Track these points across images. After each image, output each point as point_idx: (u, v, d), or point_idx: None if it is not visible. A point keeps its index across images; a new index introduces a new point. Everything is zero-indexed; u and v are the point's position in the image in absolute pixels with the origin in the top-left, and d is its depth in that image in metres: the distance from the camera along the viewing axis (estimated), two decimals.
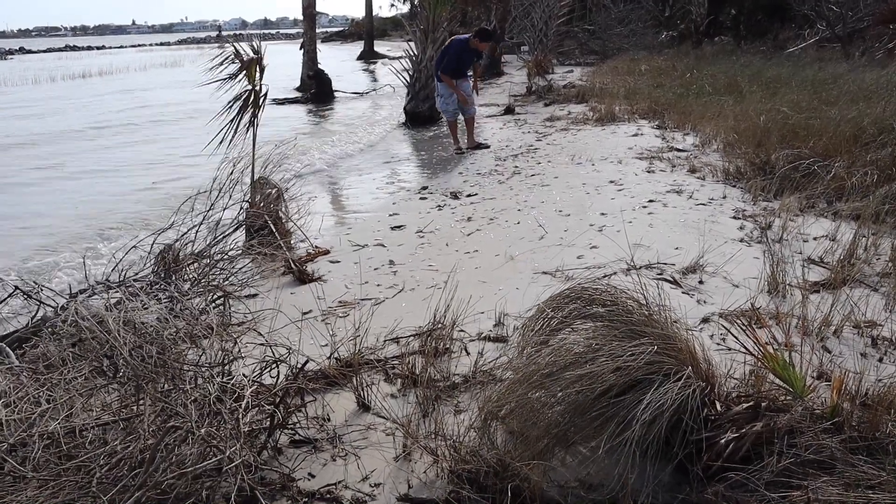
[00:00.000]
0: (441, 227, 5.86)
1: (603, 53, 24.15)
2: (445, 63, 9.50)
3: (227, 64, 5.33)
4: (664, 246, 4.70)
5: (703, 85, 12.18)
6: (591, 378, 2.23)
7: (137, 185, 8.95)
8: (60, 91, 25.34)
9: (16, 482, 2.17)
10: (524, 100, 15.00)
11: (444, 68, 9.50)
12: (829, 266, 4.21)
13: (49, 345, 2.69)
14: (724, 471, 2.20)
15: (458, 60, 9.45)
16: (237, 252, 4.30)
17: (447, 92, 9.59)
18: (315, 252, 5.13)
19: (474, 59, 9.70)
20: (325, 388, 3.06)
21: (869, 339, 3.28)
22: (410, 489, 2.39)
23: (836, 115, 7.27)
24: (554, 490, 2.27)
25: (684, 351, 2.39)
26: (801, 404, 2.43)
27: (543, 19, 19.79)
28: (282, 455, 2.59)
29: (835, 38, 17.48)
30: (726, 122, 8.51)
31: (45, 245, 6.29)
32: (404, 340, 3.46)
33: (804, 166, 5.97)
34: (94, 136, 13.71)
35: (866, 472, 2.15)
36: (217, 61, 5.30)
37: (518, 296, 3.94)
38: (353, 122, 14.21)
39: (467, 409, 2.81)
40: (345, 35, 65.34)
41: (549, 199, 6.49)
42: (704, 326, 3.48)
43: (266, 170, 5.42)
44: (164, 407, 2.35)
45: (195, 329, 2.82)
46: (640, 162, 7.75)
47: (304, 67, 19.65)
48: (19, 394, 2.33)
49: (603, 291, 2.66)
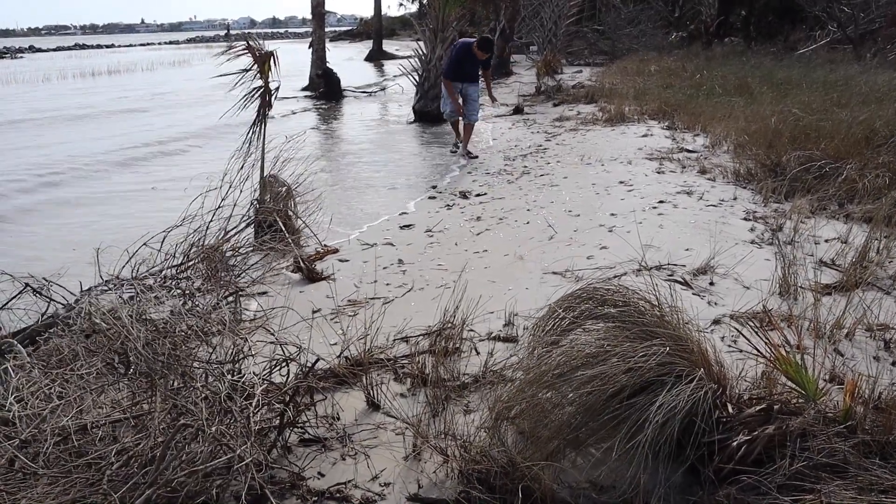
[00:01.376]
0: (450, 226, 5.85)
1: (612, 54, 24.11)
2: (446, 65, 9.69)
3: (240, 57, 5.37)
4: (674, 247, 4.68)
5: (713, 86, 12.14)
6: (602, 379, 2.21)
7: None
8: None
9: (26, 479, 2.17)
10: (533, 100, 14.98)
11: (444, 71, 9.73)
12: (841, 268, 4.18)
13: (61, 340, 2.69)
14: (736, 473, 2.19)
15: (458, 63, 9.42)
16: (248, 249, 4.31)
17: (447, 93, 9.68)
18: (324, 251, 5.14)
19: (478, 65, 9.60)
20: (335, 387, 3.06)
21: (882, 342, 3.25)
22: (420, 489, 2.39)
23: (848, 116, 7.23)
24: (565, 491, 2.26)
25: (696, 352, 2.38)
26: (813, 407, 2.41)
27: (553, 19, 19.76)
28: (291, 454, 2.59)
29: (846, 40, 17.40)
30: (737, 123, 8.48)
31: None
32: (414, 340, 3.46)
33: (815, 168, 5.94)
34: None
35: (879, 477, 2.13)
36: (231, 55, 5.34)
37: (528, 296, 3.93)
38: (361, 120, 14.22)
39: (477, 409, 2.80)
40: (353, 34, 65.39)
41: (558, 199, 6.48)
42: (715, 328, 3.46)
43: (275, 167, 5.43)
44: (174, 404, 2.36)
45: (207, 326, 2.82)
46: (650, 163, 7.72)
47: (313, 66, 19.67)
48: (31, 389, 2.33)
49: (615, 292, 2.65)
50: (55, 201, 7.99)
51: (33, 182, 9.01)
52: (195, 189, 4.62)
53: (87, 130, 13.87)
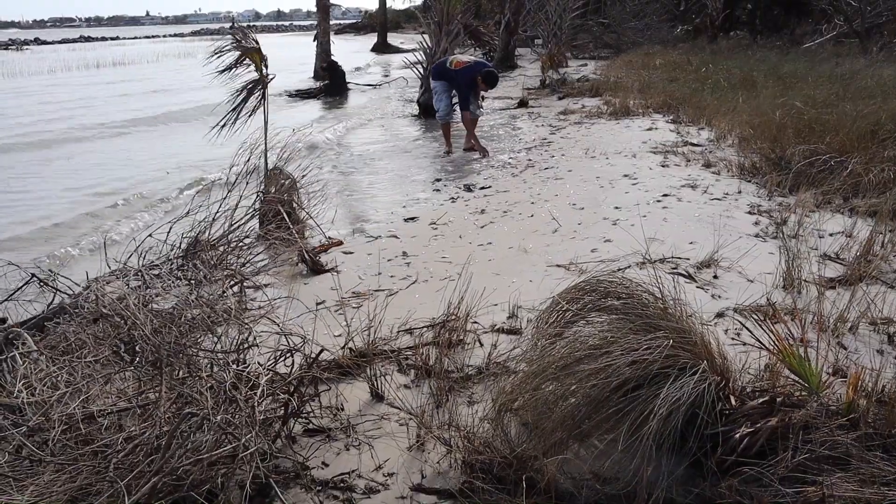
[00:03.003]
0: (454, 219, 5.86)
1: (617, 47, 24.05)
2: (458, 97, 8.84)
3: (230, 53, 5.43)
4: (679, 240, 4.68)
5: (718, 80, 12.09)
6: (606, 371, 2.22)
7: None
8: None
9: (33, 466, 2.19)
10: (538, 93, 14.95)
11: (459, 103, 8.90)
12: (845, 262, 4.18)
13: (68, 328, 2.70)
14: (739, 465, 2.20)
15: (465, 97, 8.70)
16: (252, 239, 4.32)
17: (441, 88, 8.95)
18: (329, 243, 5.14)
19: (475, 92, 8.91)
20: (339, 377, 3.07)
21: (885, 336, 3.25)
22: (424, 479, 2.40)
23: (853, 110, 7.21)
24: (568, 482, 2.27)
25: (699, 345, 2.38)
26: (816, 400, 2.42)
27: (558, 12, 19.72)
28: (296, 444, 2.61)
29: (853, 34, 17.32)
30: (741, 117, 8.45)
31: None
32: (418, 331, 3.46)
33: (820, 162, 5.92)
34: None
35: (882, 469, 2.14)
36: (221, 50, 5.41)
37: (532, 288, 3.94)
38: (366, 113, 14.20)
39: (481, 400, 2.82)
40: (358, 27, 65.17)
41: (562, 192, 6.47)
42: (719, 321, 3.47)
43: (279, 159, 5.44)
44: (180, 393, 2.37)
45: (213, 315, 2.83)
46: (655, 156, 7.71)
47: (318, 59, 19.68)
48: (38, 376, 2.35)
49: (618, 284, 2.65)
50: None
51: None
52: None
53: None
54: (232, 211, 4.35)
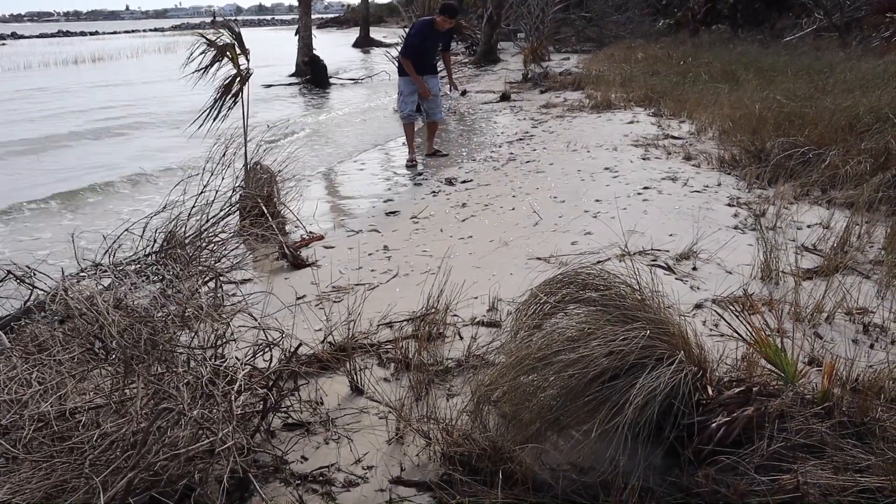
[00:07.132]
0: (436, 212, 5.85)
1: (599, 41, 24.09)
2: (406, 49, 8.09)
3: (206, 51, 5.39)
4: (658, 232, 4.70)
5: (699, 73, 12.16)
6: (583, 362, 2.23)
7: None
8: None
9: (8, 464, 2.17)
10: (520, 87, 14.97)
11: (403, 49, 8.20)
12: (822, 253, 4.22)
13: (40, 325, 2.68)
14: (715, 454, 2.21)
15: (421, 43, 7.89)
16: (229, 234, 4.29)
17: (407, 89, 8.02)
18: (309, 237, 5.12)
19: (438, 45, 8.13)
20: (319, 372, 3.06)
21: (860, 325, 3.29)
22: (403, 472, 2.40)
23: (832, 103, 7.27)
24: (546, 473, 2.28)
25: (677, 336, 2.40)
26: (791, 389, 2.44)
27: (540, 6, 19.65)
28: (275, 438, 2.59)
29: (832, 27, 17.46)
30: (722, 110, 8.50)
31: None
32: (398, 325, 3.46)
33: (799, 154, 5.97)
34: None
35: (855, 456, 2.17)
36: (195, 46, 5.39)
37: (512, 281, 3.94)
38: (348, 107, 14.15)
39: (460, 392, 2.82)
40: (340, 21, 64.93)
41: (544, 185, 6.48)
42: (697, 312, 3.49)
43: (258, 153, 5.41)
44: (156, 389, 2.35)
45: (187, 310, 2.81)
46: (636, 149, 7.74)
47: (300, 53, 19.55)
48: (10, 374, 2.32)
49: (596, 276, 2.66)
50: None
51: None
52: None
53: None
54: (209, 206, 4.32)
